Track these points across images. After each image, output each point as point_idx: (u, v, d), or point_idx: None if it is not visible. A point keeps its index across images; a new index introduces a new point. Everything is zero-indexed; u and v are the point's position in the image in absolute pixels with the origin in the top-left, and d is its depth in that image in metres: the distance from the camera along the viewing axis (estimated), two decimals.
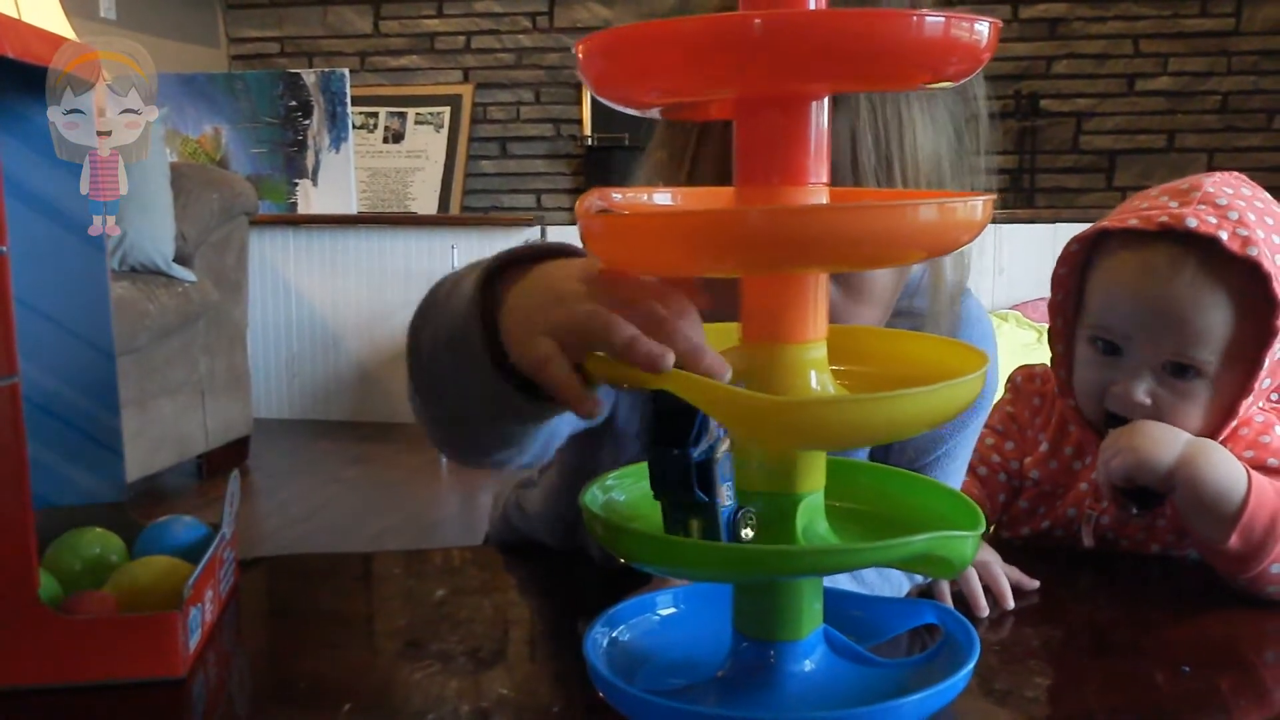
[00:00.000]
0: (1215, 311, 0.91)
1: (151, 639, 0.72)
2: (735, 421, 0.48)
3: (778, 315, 0.51)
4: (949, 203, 0.46)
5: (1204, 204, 0.92)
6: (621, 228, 0.50)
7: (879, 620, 0.61)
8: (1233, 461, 0.87)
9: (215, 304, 3.12)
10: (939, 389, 0.47)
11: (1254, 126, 4.27)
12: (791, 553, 0.50)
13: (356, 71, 4.50)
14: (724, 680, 0.54)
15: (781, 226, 0.45)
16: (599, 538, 0.52)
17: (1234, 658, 0.80)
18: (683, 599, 0.64)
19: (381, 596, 0.94)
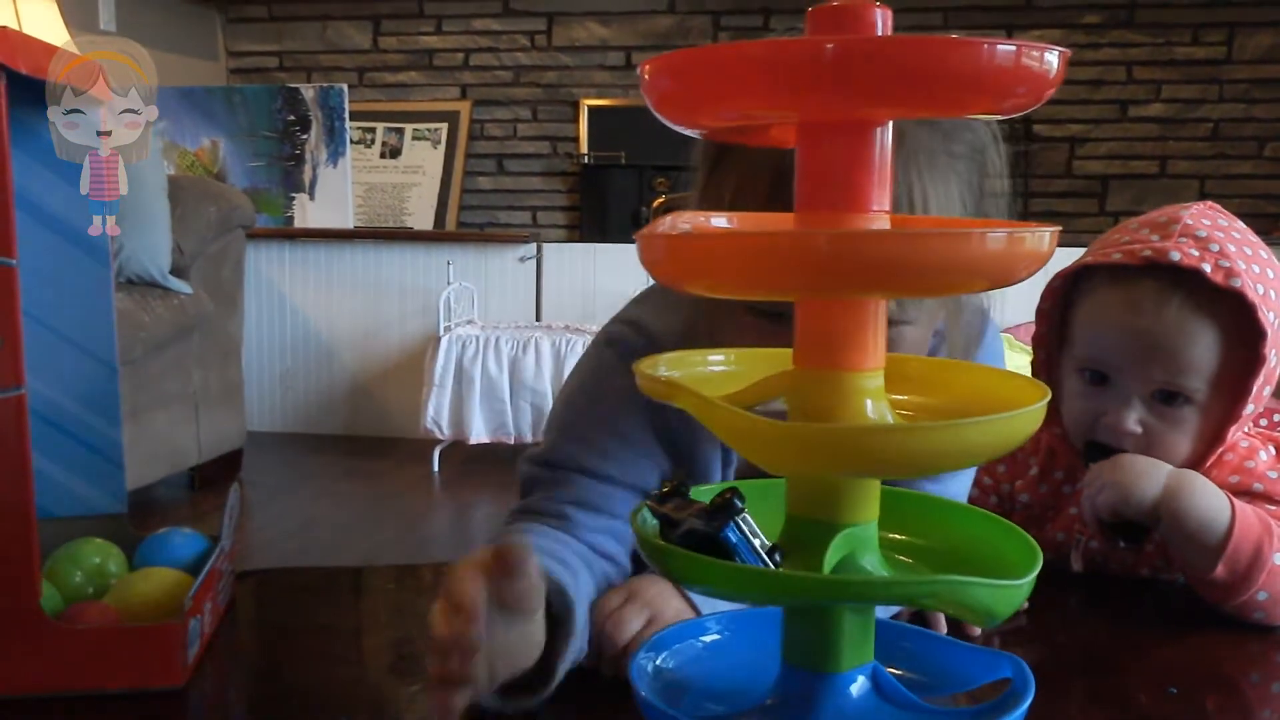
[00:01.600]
0: (1203, 341, 0.92)
1: (152, 649, 0.73)
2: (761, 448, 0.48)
3: (836, 342, 0.50)
4: (1017, 233, 0.45)
5: (1185, 236, 0.93)
6: (685, 248, 0.50)
7: (956, 669, 0.59)
8: (1215, 493, 0.89)
9: (210, 316, 3.12)
10: (1004, 418, 0.46)
11: (1245, 154, 4.30)
12: (789, 579, 0.50)
13: (355, 87, 4.52)
14: (768, 709, 0.54)
15: (846, 250, 0.45)
16: (647, 556, 0.52)
17: (1220, 679, 0.81)
18: (728, 626, 0.63)
19: (374, 610, 0.95)
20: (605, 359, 0.87)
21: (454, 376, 3.44)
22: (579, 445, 0.83)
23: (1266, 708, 0.78)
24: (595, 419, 0.84)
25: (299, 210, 4.15)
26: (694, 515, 0.52)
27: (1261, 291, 0.91)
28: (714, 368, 0.60)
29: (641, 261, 0.51)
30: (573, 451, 0.83)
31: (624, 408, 0.83)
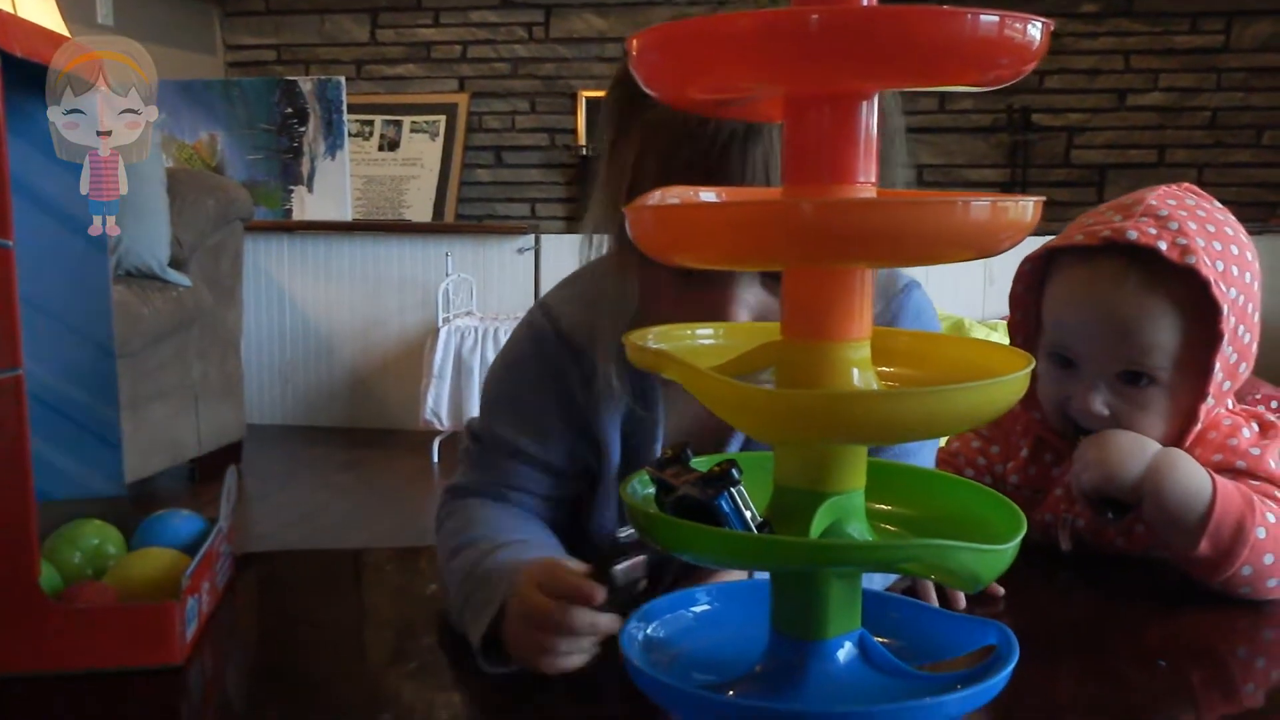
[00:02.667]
0: (1162, 319, 0.93)
1: (151, 628, 0.73)
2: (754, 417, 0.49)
3: (823, 312, 0.51)
4: (1001, 202, 0.46)
5: (1145, 216, 0.94)
6: (674, 218, 0.50)
7: (942, 637, 0.60)
8: (1197, 471, 0.89)
9: (209, 309, 3.13)
10: (985, 385, 0.47)
11: (1243, 142, 4.30)
12: (772, 544, 0.51)
13: (353, 80, 4.52)
14: (757, 676, 0.55)
15: (832, 219, 0.45)
16: (636, 526, 0.54)
17: (1206, 653, 0.82)
18: (718, 597, 0.64)
19: (373, 591, 0.96)
20: (521, 341, 0.96)
21: (453, 368, 3.45)
22: (511, 428, 0.92)
23: (1251, 681, 0.79)
24: (520, 400, 0.93)
25: (297, 203, 4.16)
26: (691, 483, 0.53)
27: (1221, 268, 0.92)
28: (702, 341, 0.61)
29: (631, 235, 0.51)
30: (498, 432, 0.92)
31: (539, 389, 0.92)
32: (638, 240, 0.51)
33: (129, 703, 0.71)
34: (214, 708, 0.74)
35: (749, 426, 0.51)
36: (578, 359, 0.91)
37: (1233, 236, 0.96)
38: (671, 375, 0.51)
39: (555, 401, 0.92)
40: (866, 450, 0.54)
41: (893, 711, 0.49)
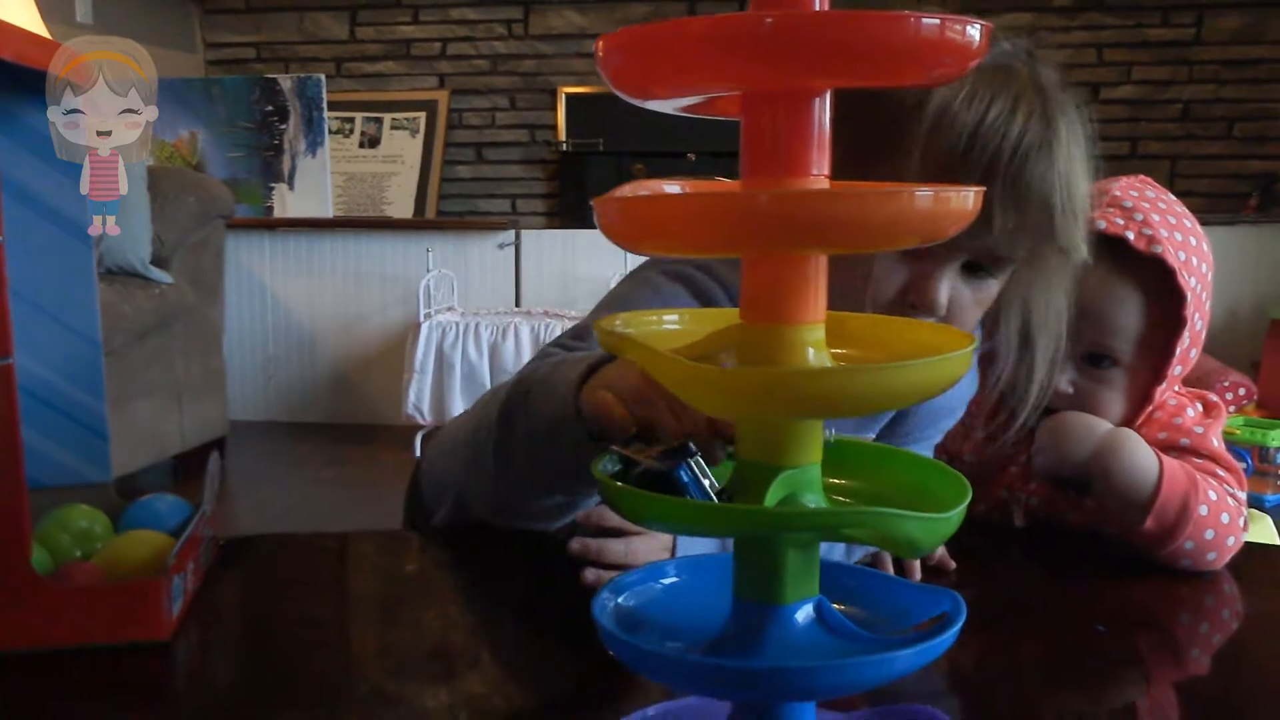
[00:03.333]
0: (1127, 304, 0.97)
1: (138, 604, 0.76)
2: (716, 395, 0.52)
3: (779, 298, 0.53)
4: (943, 192, 0.49)
5: (1112, 207, 0.98)
6: (637, 210, 0.53)
7: (898, 605, 0.63)
8: (1145, 451, 0.94)
9: (192, 306, 3.15)
10: (929, 362, 0.50)
11: (1214, 134, 4.36)
12: (726, 511, 0.54)
13: (333, 77, 4.54)
14: (720, 641, 0.58)
15: (787, 209, 0.48)
16: (603, 496, 0.57)
17: (1150, 620, 0.86)
18: (686, 571, 0.67)
19: (356, 571, 0.98)
20: (658, 283, 0.91)
21: (435, 363, 3.48)
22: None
23: (1195, 647, 0.82)
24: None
25: (278, 200, 4.17)
26: (652, 457, 0.56)
27: (1183, 258, 0.96)
28: (667, 326, 0.64)
29: (599, 226, 0.55)
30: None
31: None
32: (606, 232, 0.54)
33: (119, 677, 0.74)
34: (201, 681, 0.77)
35: (707, 404, 0.54)
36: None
37: (1190, 229, 1.00)
38: (632, 356, 0.55)
39: None
40: (820, 428, 0.57)
41: (845, 666, 0.52)
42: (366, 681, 0.73)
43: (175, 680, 0.75)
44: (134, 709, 0.72)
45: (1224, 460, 0.97)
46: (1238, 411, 3.30)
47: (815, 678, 0.51)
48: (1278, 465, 2.95)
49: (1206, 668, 0.79)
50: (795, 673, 0.52)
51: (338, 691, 0.73)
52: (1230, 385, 3.32)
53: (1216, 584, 0.91)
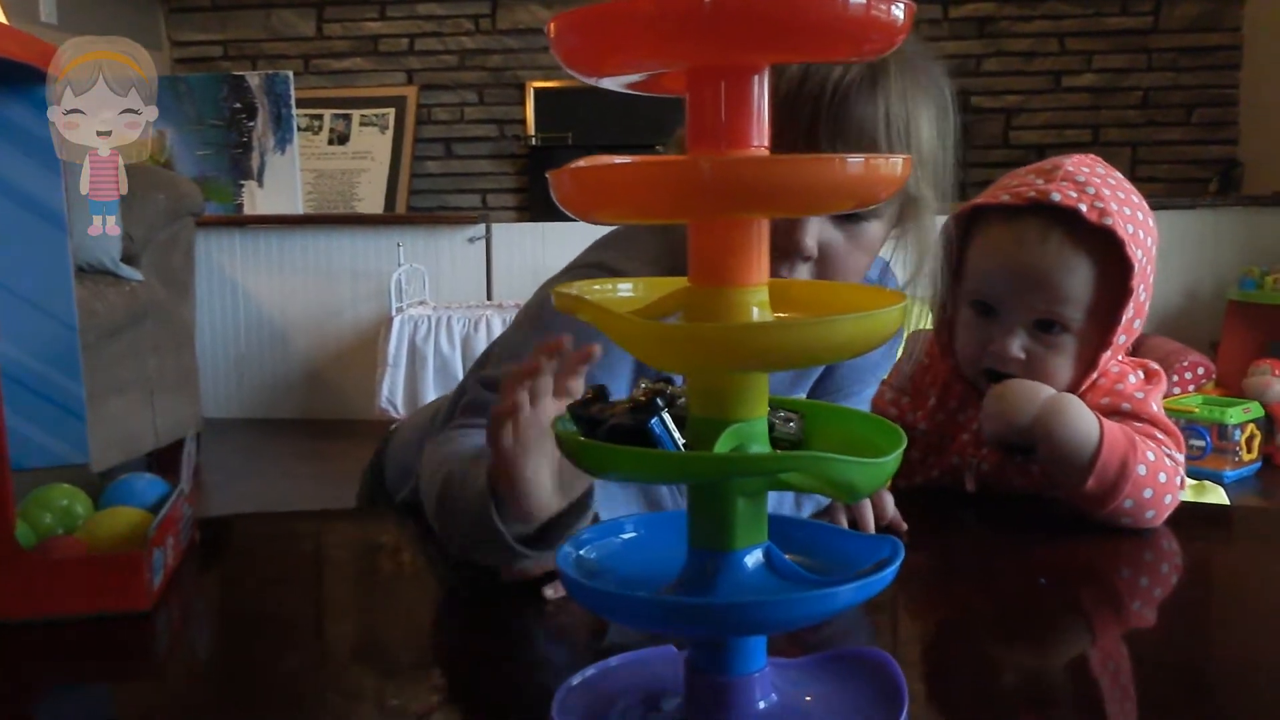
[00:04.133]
0: (1078, 273, 1.02)
1: (119, 576, 0.79)
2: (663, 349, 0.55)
3: (725, 261, 0.57)
4: (873, 159, 0.54)
5: (1065, 180, 1.03)
6: (589, 179, 0.56)
7: (844, 553, 0.66)
8: (1086, 415, 0.98)
9: (163, 303, 3.15)
10: (864, 316, 0.54)
11: (1173, 121, 4.44)
12: (683, 458, 0.58)
13: (300, 74, 4.54)
14: (676, 586, 0.61)
15: (728, 175, 0.52)
16: (566, 454, 0.60)
17: (1092, 573, 0.90)
18: (643, 526, 0.70)
19: (333, 546, 1.01)
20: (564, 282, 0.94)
21: (407, 356, 3.50)
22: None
23: (1137, 599, 0.87)
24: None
25: (248, 198, 4.18)
26: (620, 414, 0.60)
27: (1131, 231, 1.01)
28: (622, 293, 0.68)
29: (555, 198, 0.58)
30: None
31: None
32: (562, 202, 0.58)
33: (101, 646, 0.76)
34: (181, 650, 0.80)
35: (659, 360, 0.57)
36: None
37: (1138, 204, 1.05)
38: (586, 317, 0.58)
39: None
40: (767, 385, 0.61)
41: (794, 600, 0.56)
42: (344, 645, 0.76)
43: (156, 649, 0.78)
44: (116, 677, 0.74)
45: (1163, 424, 1.01)
46: (1197, 391, 3.37)
47: (766, 611, 0.55)
48: (1236, 442, 3.02)
49: (1146, 619, 0.83)
50: (747, 607, 0.56)
51: (317, 661, 0.76)
52: (1190, 365, 3.39)
53: (1156, 540, 0.96)
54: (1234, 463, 3.02)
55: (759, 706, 0.60)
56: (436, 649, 0.76)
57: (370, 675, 0.71)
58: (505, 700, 0.68)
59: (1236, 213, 3.83)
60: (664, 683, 0.65)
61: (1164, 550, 0.95)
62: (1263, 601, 0.85)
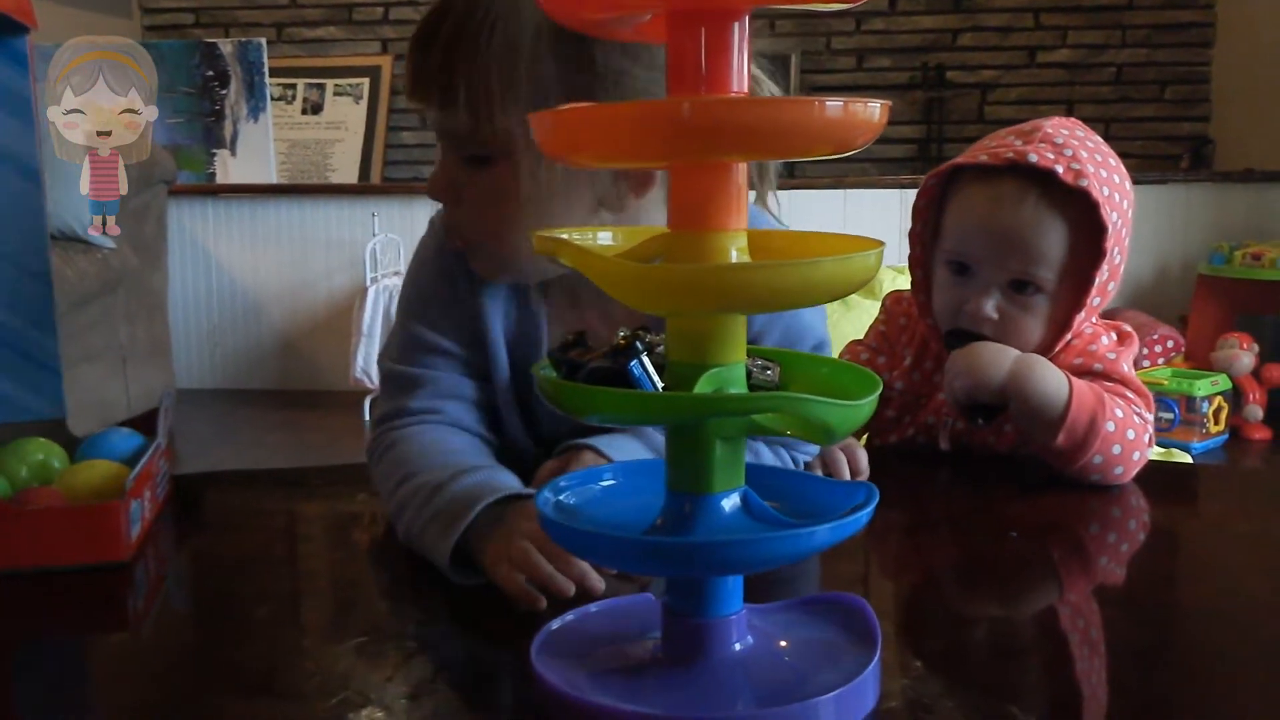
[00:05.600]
0: (1052, 234, 1.03)
1: (97, 527, 0.79)
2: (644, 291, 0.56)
3: (704, 207, 0.57)
4: (852, 103, 0.54)
5: (1044, 142, 1.04)
6: (571, 120, 0.57)
7: (820, 500, 0.67)
8: (1055, 372, 0.99)
9: (135, 271, 3.13)
10: (844, 258, 0.55)
11: (1147, 97, 4.47)
12: (662, 399, 0.58)
13: (273, 43, 4.49)
14: (655, 529, 0.62)
15: (707, 116, 0.53)
16: (547, 397, 0.60)
17: (1061, 528, 0.92)
18: (622, 474, 0.71)
19: (309, 500, 1.01)
20: (426, 243, 0.99)
21: (382, 326, 3.48)
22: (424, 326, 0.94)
23: (1104, 555, 0.88)
24: (428, 300, 0.96)
25: (221, 166, 4.14)
26: (599, 357, 0.60)
27: (1106, 194, 1.02)
28: (601, 240, 0.68)
29: (536, 140, 0.58)
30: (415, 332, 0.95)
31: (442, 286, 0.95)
32: (542, 143, 0.58)
33: (79, 598, 0.77)
34: (159, 601, 0.80)
35: (639, 301, 0.58)
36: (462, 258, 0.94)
37: (1115, 167, 1.06)
38: (566, 259, 0.58)
39: (456, 299, 0.94)
40: (745, 329, 0.61)
41: (771, 539, 0.57)
42: (316, 597, 0.77)
43: (134, 599, 0.78)
44: (93, 629, 0.74)
45: (1133, 384, 1.03)
46: (1166, 363, 3.41)
47: (744, 550, 0.56)
48: (1204, 415, 3.06)
49: (1114, 573, 0.84)
50: (725, 546, 0.57)
51: (294, 612, 0.77)
52: (1160, 338, 3.42)
53: (1124, 497, 0.97)
54: (1201, 434, 3.06)
55: (735, 648, 0.61)
56: (415, 597, 0.77)
57: (348, 624, 0.72)
58: (485, 646, 0.68)
59: (1207, 189, 3.86)
60: (642, 628, 0.66)
61: (1132, 507, 0.97)
62: (1227, 556, 0.87)
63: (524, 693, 0.60)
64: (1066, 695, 0.62)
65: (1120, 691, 0.62)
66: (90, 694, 0.65)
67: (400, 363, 0.95)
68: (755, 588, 0.62)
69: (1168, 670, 0.66)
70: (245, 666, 0.65)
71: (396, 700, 0.59)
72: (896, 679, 0.61)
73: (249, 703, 0.60)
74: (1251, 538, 0.90)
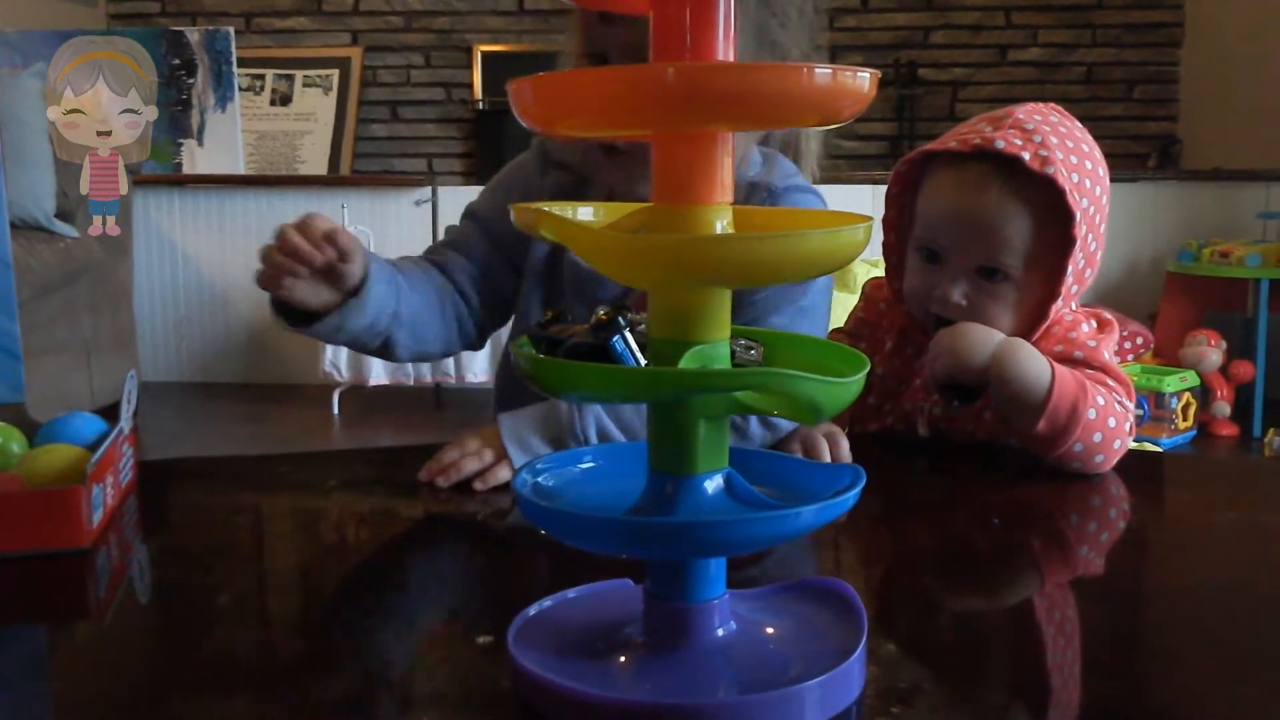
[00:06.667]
0: (1018, 221, 1.02)
1: (57, 512, 0.76)
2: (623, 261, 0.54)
3: (689, 178, 0.56)
4: (841, 71, 0.52)
5: (1013, 128, 1.03)
6: (550, 88, 0.55)
7: (805, 483, 0.66)
8: (1038, 357, 0.98)
9: (99, 262, 3.07)
10: (831, 231, 0.54)
11: (1116, 96, 4.50)
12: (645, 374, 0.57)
13: (241, 33, 4.44)
14: (636, 509, 0.60)
15: (692, 82, 0.51)
16: (524, 375, 0.58)
17: (1041, 517, 0.91)
18: (602, 455, 0.69)
19: (273, 488, 0.99)
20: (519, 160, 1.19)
21: None
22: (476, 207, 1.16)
23: (1085, 544, 0.87)
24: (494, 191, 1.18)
25: (187, 156, 4.08)
26: (580, 333, 0.59)
27: (1076, 180, 1.01)
28: (583, 215, 0.66)
29: (515, 110, 0.56)
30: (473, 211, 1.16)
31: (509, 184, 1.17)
32: (522, 116, 0.56)
33: (39, 584, 0.74)
34: (122, 586, 0.77)
35: (622, 273, 0.56)
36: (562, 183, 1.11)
37: (1088, 153, 1.05)
38: (547, 232, 0.56)
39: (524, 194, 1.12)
40: (730, 305, 0.60)
41: (756, 520, 0.55)
42: (286, 590, 0.75)
43: (95, 586, 0.76)
44: (54, 616, 0.72)
45: (1114, 372, 1.02)
46: (1135, 360, 3.43)
47: (729, 531, 0.54)
48: (1173, 411, 3.08)
49: (1094, 562, 0.84)
50: (710, 526, 0.55)
51: (259, 598, 0.75)
52: (1129, 335, 3.43)
53: (1104, 485, 0.97)
54: (1170, 430, 3.08)
55: (718, 634, 0.59)
56: (384, 580, 0.75)
57: (315, 613, 0.70)
58: (459, 633, 0.67)
59: (1175, 187, 3.89)
60: (622, 614, 0.64)
61: (1112, 495, 0.96)
62: (1207, 543, 0.87)
63: (500, 682, 0.58)
64: (1044, 682, 0.61)
65: (1098, 676, 0.61)
66: (49, 684, 0.62)
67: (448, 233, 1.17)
68: (737, 575, 0.61)
69: (1146, 657, 0.66)
70: (209, 656, 0.63)
71: (367, 692, 0.58)
72: (873, 666, 0.59)
73: (213, 693, 0.58)
74: (1232, 526, 0.90)
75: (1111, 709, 0.57)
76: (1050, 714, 0.57)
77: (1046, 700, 0.59)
